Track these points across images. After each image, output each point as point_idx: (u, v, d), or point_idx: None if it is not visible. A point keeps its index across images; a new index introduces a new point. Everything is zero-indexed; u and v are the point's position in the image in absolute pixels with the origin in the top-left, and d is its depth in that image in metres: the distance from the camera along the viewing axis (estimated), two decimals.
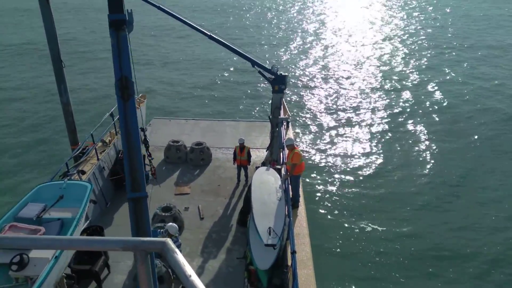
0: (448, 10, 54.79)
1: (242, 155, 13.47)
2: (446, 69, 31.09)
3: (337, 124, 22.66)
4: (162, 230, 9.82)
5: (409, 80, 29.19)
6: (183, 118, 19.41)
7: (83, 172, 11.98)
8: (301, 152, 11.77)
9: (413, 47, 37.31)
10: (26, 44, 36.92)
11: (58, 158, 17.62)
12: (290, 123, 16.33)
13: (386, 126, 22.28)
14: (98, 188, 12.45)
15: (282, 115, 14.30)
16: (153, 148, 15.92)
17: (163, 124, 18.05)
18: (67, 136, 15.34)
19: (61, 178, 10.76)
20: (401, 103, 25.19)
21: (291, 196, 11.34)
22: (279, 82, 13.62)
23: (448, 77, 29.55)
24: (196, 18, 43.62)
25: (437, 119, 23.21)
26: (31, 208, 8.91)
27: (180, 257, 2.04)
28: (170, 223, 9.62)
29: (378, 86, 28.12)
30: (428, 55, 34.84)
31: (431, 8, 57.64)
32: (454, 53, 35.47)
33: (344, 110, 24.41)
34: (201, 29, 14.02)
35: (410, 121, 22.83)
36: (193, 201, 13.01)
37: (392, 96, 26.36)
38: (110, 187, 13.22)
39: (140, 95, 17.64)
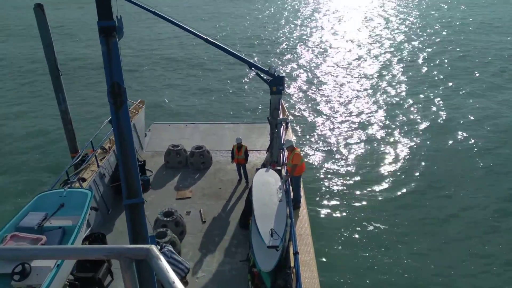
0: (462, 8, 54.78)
1: (239, 154, 13.61)
2: (456, 71, 30.94)
3: (336, 123, 22.65)
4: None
5: (412, 79, 29.19)
6: (182, 122, 19.44)
7: (84, 180, 11.96)
8: (301, 153, 11.75)
9: (419, 46, 37.14)
10: (23, 50, 37.02)
11: (58, 166, 17.62)
12: (289, 124, 16.32)
13: (387, 125, 22.26)
14: (99, 195, 12.44)
15: (281, 116, 14.30)
16: (153, 153, 15.97)
17: (163, 129, 18.07)
18: (66, 144, 15.35)
19: (62, 186, 10.77)
20: (402, 103, 25.17)
21: (292, 197, 11.32)
22: (277, 83, 13.62)
23: (460, 79, 29.42)
24: (194, 19, 43.80)
25: (437, 120, 23.18)
26: (32, 217, 8.91)
27: (164, 263, 2.05)
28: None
29: (379, 85, 28.14)
30: (436, 55, 34.73)
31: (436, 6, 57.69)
32: (464, 53, 35.38)
33: (344, 109, 24.40)
34: (197, 32, 14.02)
35: (412, 120, 22.82)
36: (195, 205, 12.99)
37: (393, 95, 26.38)
38: (111, 193, 13.21)
39: (138, 100, 17.68)
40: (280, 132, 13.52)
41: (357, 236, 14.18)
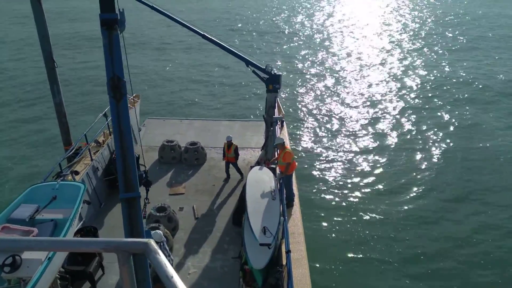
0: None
1: (229, 152, 13.58)
2: (452, 68, 31.15)
3: (333, 122, 22.70)
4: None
5: (408, 77, 29.32)
6: (177, 118, 19.37)
7: (77, 173, 11.89)
8: (292, 151, 11.75)
9: (416, 45, 37.24)
10: (20, 42, 36.68)
11: (51, 159, 17.52)
12: (284, 122, 16.34)
13: (382, 124, 22.36)
14: (92, 189, 12.37)
15: (276, 114, 14.31)
16: (147, 148, 15.91)
17: (157, 124, 18.01)
18: (60, 136, 15.25)
19: (54, 178, 10.69)
20: (397, 101, 25.29)
21: (284, 195, 11.34)
22: (273, 82, 13.61)
23: (453, 76, 29.62)
24: (194, 16, 43.57)
25: (436, 115, 23.29)
26: (24, 209, 8.83)
27: (162, 258, 2.03)
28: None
29: (378, 83, 28.26)
30: (433, 53, 34.87)
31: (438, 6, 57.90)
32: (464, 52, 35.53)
33: (339, 109, 24.47)
34: (195, 28, 13.98)
35: (407, 119, 22.94)
36: (188, 201, 12.97)
37: (391, 93, 26.48)
38: (104, 187, 13.14)
39: (134, 95, 17.58)
40: (275, 130, 13.52)
41: (349, 235, 14.24)
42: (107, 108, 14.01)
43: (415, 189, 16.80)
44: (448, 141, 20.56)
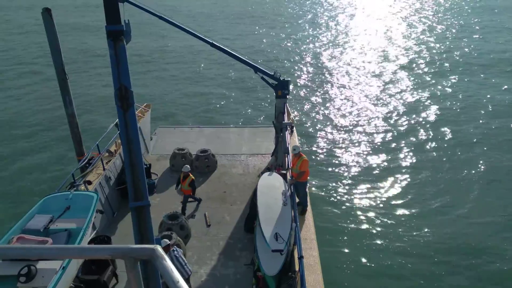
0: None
1: (183, 184, 12.72)
2: (468, 78, 30.82)
3: (343, 128, 22.59)
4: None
5: (419, 83, 29.07)
6: (187, 126, 19.52)
7: (90, 183, 12.04)
8: (307, 159, 11.73)
9: (428, 52, 36.87)
10: (31, 53, 37.33)
11: (64, 169, 17.74)
12: (294, 128, 16.35)
13: (394, 129, 22.15)
14: (105, 198, 12.50)
15: (286, 120, 14.32)
16: (159, 157, 16.04)
17: (168, 132, 18.17)
18: (73, 147, 15.46)
19: (68, 189, 10.84)
20: (410, 107, 24.98)
21: (298, 202, 11.34)
22: (282, 87, 13.64)
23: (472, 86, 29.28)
24: (200, 22, 43.93)
25: (449, 125, 22.96)
26: (38, 219, 8.99)
27: (168, 263, 2.08)
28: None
29: (389, 88, 28.00)
30: (444, 58, 34.61)
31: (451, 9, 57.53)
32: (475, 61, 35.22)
33: (351, 114, 24.34)
34: (203, 37, 14.10)
35: (419, 124, 22.66)
36: (200, 208, 13.03)
37: (400, 99, 26.24)
38: (116, 196, 13.27)
39: (144, 104, 17.77)
40: (285, 136, 13.53)
41: (363, 241, 14.11)
42: None
43: (433, 195, 16.44)
44: (481, 158, 19.29)
